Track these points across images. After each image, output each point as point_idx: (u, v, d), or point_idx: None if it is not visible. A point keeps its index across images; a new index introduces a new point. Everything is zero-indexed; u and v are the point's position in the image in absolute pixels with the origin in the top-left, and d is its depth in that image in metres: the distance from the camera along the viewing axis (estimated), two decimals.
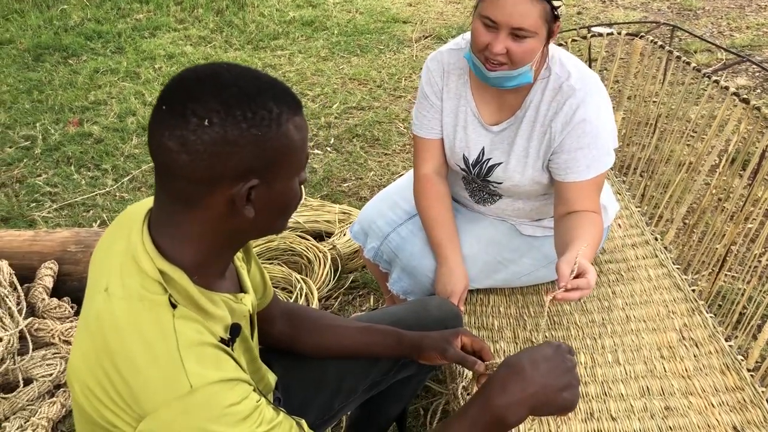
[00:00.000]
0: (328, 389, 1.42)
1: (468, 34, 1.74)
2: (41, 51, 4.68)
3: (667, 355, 1.65)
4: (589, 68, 1.69)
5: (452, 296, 1.70)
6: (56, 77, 4.32)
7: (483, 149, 1.74)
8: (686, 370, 1.61)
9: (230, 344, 1.03)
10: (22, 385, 2.00)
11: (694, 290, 1.85)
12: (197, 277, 0.98)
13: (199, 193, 0.93)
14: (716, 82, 1.95)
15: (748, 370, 1.60)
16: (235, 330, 1.05)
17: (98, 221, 2.94)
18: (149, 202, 1.05)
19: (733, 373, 1.59)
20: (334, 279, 2.49)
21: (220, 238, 0.98)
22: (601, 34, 2.43)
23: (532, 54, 1.53)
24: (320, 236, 2.70)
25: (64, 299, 2.25)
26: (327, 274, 2.44)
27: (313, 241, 2.59)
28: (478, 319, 1.81)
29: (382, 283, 2.10)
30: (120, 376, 0.91)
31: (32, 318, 2.12)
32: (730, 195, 1.99)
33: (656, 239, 2.07)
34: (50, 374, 2.00)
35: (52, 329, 2.06)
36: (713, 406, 1.52)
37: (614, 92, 3.02)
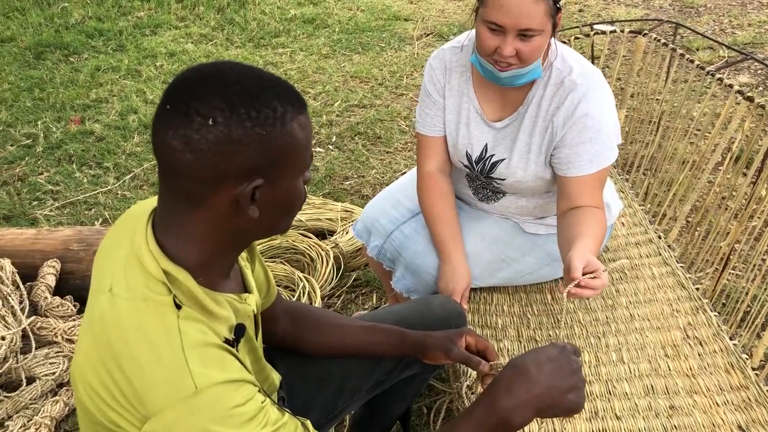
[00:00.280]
0: (332, 388, 1.42)
1: (471, 33, 1.74)
2: (42, 49, 4.67)
3: (671, 354, 1.65)
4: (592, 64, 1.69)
5: (454, 294, 1.70)
6: (57, 75, 4.32)
7: (486, 146, 1.74)
8: (691, 369, 1.60)
9: (235, 345, 1.03)
10: (25, 383, 2.00)
11: (698, 289, 1.84)
12: (202, 277, 0.98)
13: (203, 193, 0.92)
14: (720, 80, 1.95)
15: (753, 369, 1.60)
16: (240, 330, 1.05)
17: (100, 219, 2.94)
18: (153, 202, 1.05)
19: (737, 371, 1.59)
20: (336, 277, 2.48)
21: (224, 238, 0.98)
22: (604, 32, 2.42)
23: (540, 50, 1.54)
24: (323, 234, 2.70)
25: (67, 298, 2.25)
26: (330, 272, 2.44)
27: (316, 240, 2.59)
28: (482, 317, 1.81)
29: (385, 282, 2.09)
30: (124, 376, 0.91)
31: (35, 316, 2.12)
32: (734, 193, 1.98)
33: (660, 237, 2.07)
34: (53, 373, 2.00)
35: (54, 328, 2.06)
36: (718, 405, 1.51)
37: (617, 90, 3.01)
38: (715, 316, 1.74)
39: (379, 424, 1.67)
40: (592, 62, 2.35)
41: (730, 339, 1.68)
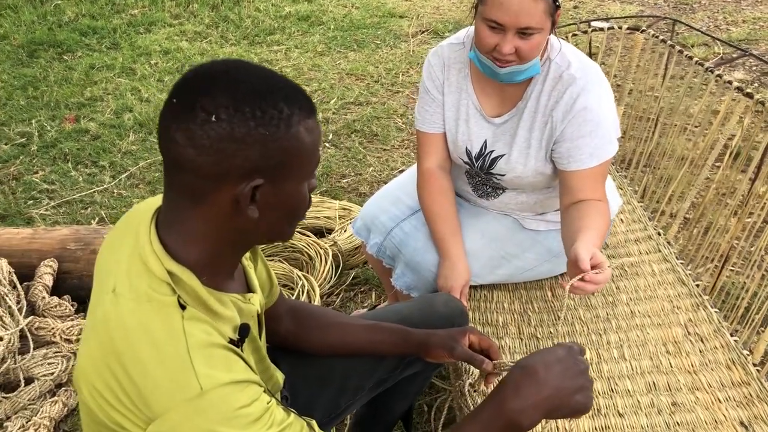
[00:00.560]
0: (335, 387, 1.41)
1: (470, 29, 1.74)
2: (35, 47, 4.64)
3: (672, 351, 1.65)
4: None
5: (453, 291, 1.70)
6: (51, 73, 4.29)
7: (485, 142, 1.74)
8: (692, 366, 1.60)
9: (239, 345, 1.02)
10: (23, 384, 1.98)
11: (698, 285, 1.85)
12: (206, 277, 0.97)
13: (205, 189, 0.92)
14: (719, 76, 1.95)
15: (754, 365, 1.60)
16: (244, 330, 1.04)
17: (96, 218, 2.92)
18: (156, 201, 1.04)
19: (738, 368, 1.59)
20: (335, 276, 2.48)
21: (224, 239, 0.97)
22: (601, 29, 2.42)
23: (539, 48, 1.54)
24: (321, 233, 2.69)
25: (65, 297, 2.24)
26: (328, 270, 2.43)
27: (314, 238, 2.58)
28: (483, 315, 1.80)
29: (385, 279, 2.09)
30: (128, 378, 0.90)
31: (32, 317, 2.10)
32: (734, 190, 1.98)
33: (659, 234, 2.07)
34: (51, 373, 1.99)
35: (53, 328, 2.04)
36: (720, 401, 1.52)
37: (614, 86, 3.01)
38: (715, 312, 1.75)
39: (381, 422, 1.67)
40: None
41: (731, 335, 1.68)
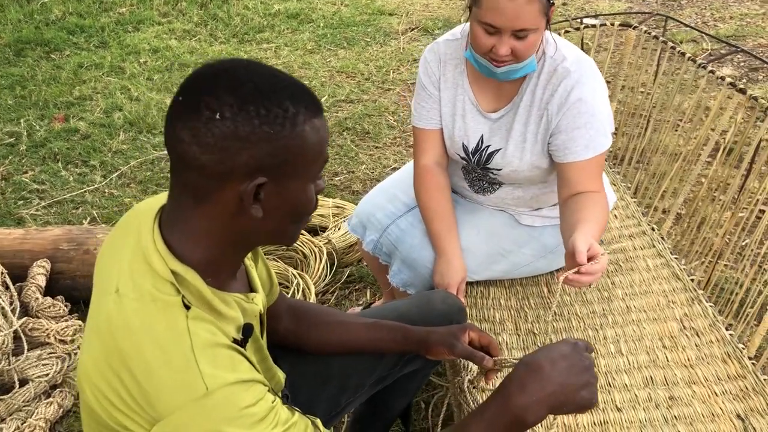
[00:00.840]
0: (335, 385, 1.41)
1: (466, 26, 1.74)
2: (22, 46, 4.60)
3: (669, 345, 1.66)
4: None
5: (449, 288, 1.70)
6: (39, 72, 4.26)
7: (482, 137, 1.75)
8: (688, 360, 1.62)
9: (243, 345, 1.02)
10: (18, 386, 1.96)
11: (692, 280, 1.86)
12: (210, 278, 0.97)
13: (209, 187, 0.91)
14: (712, 72, 1.96)
15: (750, 359, 1.61)
16: (248, 330, 1.04)
17: (88, 218, 2.90)
18: (157, 201, 1.04)
19: (734, 361, 1.60)
20: (330, 274, 2.48)
21: (228, 238, 0.97)
22: (593, 26, 2.43)
23: (535, 46, 1.55)
24: (314, 231, 2.69)
25: (58, 298, 2.22)
26: (323, 268, 2.43)
27: (308, 236, 2.58)
28: (480, 311, 1.81)
29: (381, 277, 2.09)
30: (133, 378, 0.90)
31: (26, 318, 2.08)
32: (727, 186, 2.00)
33: (653, 229, 2.08)
34: (46, 374, 1.97)
35: (47, 329, 2.03)
36: (716, 394, 1.53)
37: (606, 83, 3.03)
38: (710, 307, 1.76)
39: (380, 419, 1.67)
40: None
41: (726, 329, 1.70)
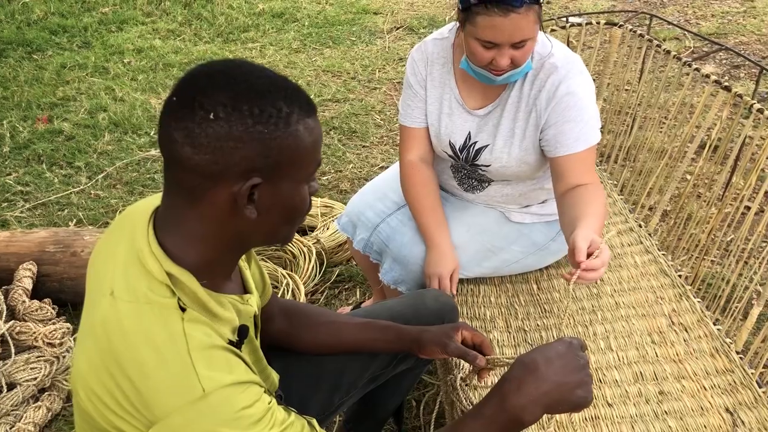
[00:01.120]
0: (328, 385, 1.41)
1: (453, 25, 1.75)
2: (4, 46, 4.56)
3: (657, 341, 1.67)
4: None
5: (442, 278, 1.71)
6: (21, 73, 4.21)
7: (469, 134, 1.76)
8: (677, 355, 1.63)
9: (238, 346, 1.02)
10: (6, 390, 1.95)
11: (680, 276, 1.88)
12: (205, 280, 0.97)
13: (203, 188, 0.91)
14: (697, 70, 1.98)
15: (737, 353, 1.63)
16: (243, 332, 1.04)
17: (74, 220, 2.88)
18: (152, 202, 1.03)
19: (722, 356, 1.62)
20: (319, 273, 2.47)
21: (223, 239, 0.97)
22: (579, 24, 2.44)
23: (531, 50, 1.57)
24: (303, 231, 2.69)
25: (45, 301, 2.20)
26: (312, 268, 2.43)
27: (297, 236, 2.57)
28: (470, 309, 1.82)
29: (371, 275, 2.09)
30: (129, 381, 0.89)
31: (13, 321, 2.06)
32: (713, 182, 2.02)
33: (640, 226, 2.10)
34: (34, 378, 1.96)
35: (34, 332, 2.01)
36: (705, 389, 1.55)
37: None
38: (698, 302, 1.78)
39: (373, 418, 1.67)
40: None
41: (714, 324, 1.72)
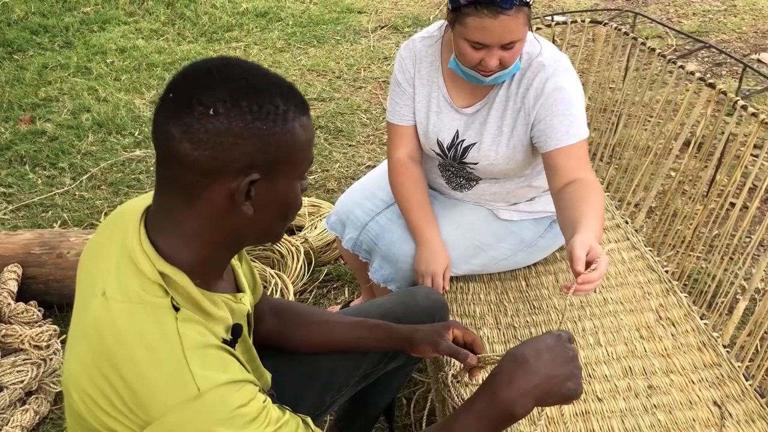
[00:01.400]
0: (320, 384, 1.41)
1: (442, 23, 1.75)
2: None
3: (646, 335, 1.69)
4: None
5: (435, 276, 1.71)
6: (2, 74, 4.17)
7: (457, 132, 1.76)
8: (665, 349, 1.65)
9: (232, 345, 1.02)
10: None
11: (667, 271, 1.90)
12: (198, 279, 0.96)
13: (200, 184, 0.91)
14: (682, 67, 2.00)
15: (724, 347, 1.66)
16: (237, 330, 1.04)
17: (59, 221, 2.85)
18: (142, 202, 1.03)
19: (709, 350, 1.64)
20: (308, 273, 2.47)
21: (218, 237, 0.96)
22: (564, 22, 2.46)
23: (520, 51, 1.58)
24: (291, 230, 2.68)
25: (31, 303, 2.18)
26: (301, 268, 2.42)
27: (285, 235, 2.56)
28: (460, 306, 1.82)
29: (360, 274, 2.10)
30: (123, 381, 0.89)
31: None
32: (698, 179, 2.04)
33: (627, 223, 2.12)
34: (21, 381, 1.94)
35: (21, 335, 1.99)
36: (693, 382, 1.56)
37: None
38: (685, 297, 1.80)
39: (364, 416, 1.67)
40: None
41: (701, 318, 1.74)
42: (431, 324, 1.38)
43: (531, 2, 1.52)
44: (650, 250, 1.99)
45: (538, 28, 2.55)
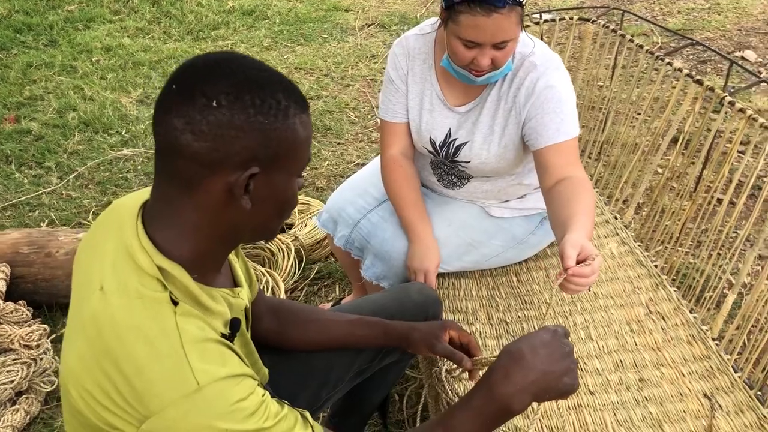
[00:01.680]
0: (316, 380, 1.42)
1: (434, 20, 1.76)
2: None
3: (636, 329, 1.71)
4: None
5: (427, 273, 1.72)
6: None
7: (450, 130, 1.77)
8: (656, 343, 1.67)
9: (231, 339, 1.02)
10: None
11: (656, 266, 1.92)
12: (196, 274, 0.96)
13: (199, 176, 0.91)
14: (670, 64, 2.03)
15: (713, 340, 1.68)
16: (235, 325, 1.04)
17: (46, 221, 2.83)
18: (138, 197, 1.03)
19: (699, 343, 1.66)
20: (298, 271, 2.47)
21: (215, 232, 0.96)
22: (554, 20, 2.48)
23: (512, 51, 1.58)
24: (281, 228, 2.67)
25: (20, 303, 2.17)
26: (291, 265, 2.42)
27: None
28: (452, 303, 1.83)
29: (352, 272, 2.10)
30: (122, 376, 0.89)
31: None
32: (686, 176, 2.07)
33: (616, 218, 2.14)
34: (11, 381, 1.92)
35: (10, 334, 1.97)
36: (683, 375, 1.58)
37: None
38: (674, 291, 1.82)
39: (359, 412, 1.68)
40: None
41: (690, 312, 1.76)
42: (428, 323, 1.38)
43: (524, 2, 1.53)
44: (639, 245, 2.01)
45: (527, 26, 2.57)
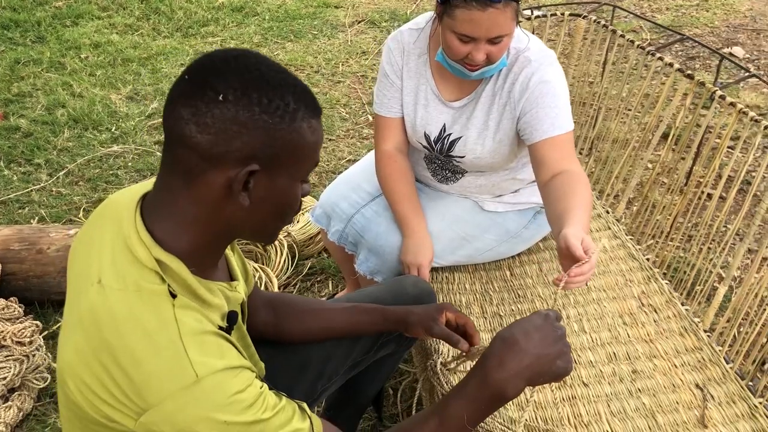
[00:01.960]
0: (312, 372, 1.42)
1: (429, 15, 1.76)
2: None
3: (629, 322, 1.72)
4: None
5: (421, 267, 1.72)
6: None
7: (444, 125, 1.77)
8: (648, 335, 1.68)
9: (228, 332, 1.02)
10: None
11: (648, 259, 1.93)
12: (194, 267, 0.97)
13: (199, 168, 0.91)
14: (661, 59, 2.04)
15: (705, 332, 1.69)
16: (232, 318, 1.04)
17: (36, 218, 2.82)
18: (136, 190, 1.03)
19: (691, 335, 1.68)
20: (291, 266, 2.47)
21: (213, 226, 0.96)
22: (544, 16, 2.49)
23: (507, 47, 1.59)
24: None
25: (11, 299, 2.15)
26: (284, 261, 2.42)
27: None
28: (446, 296, 1.84)
29: (346, 267, 2.10)
30: (121, 369, 0.89)
31: None
32: (676, 171, 2.08)
33: (607, 212, 2.15)
34: (4, 378, 1.91)
35: (2, 331, 1.96)
36: (676, 366, 1.60)
37: None
38: (666, 284, 1.83)
39: (354, 405, 1.68)
40: None
41: (682, 305, 1.77)
42: (425, 306, 1.39)
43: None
44: (631, 239, 2.02)
45: (519, 22, 2.58)
